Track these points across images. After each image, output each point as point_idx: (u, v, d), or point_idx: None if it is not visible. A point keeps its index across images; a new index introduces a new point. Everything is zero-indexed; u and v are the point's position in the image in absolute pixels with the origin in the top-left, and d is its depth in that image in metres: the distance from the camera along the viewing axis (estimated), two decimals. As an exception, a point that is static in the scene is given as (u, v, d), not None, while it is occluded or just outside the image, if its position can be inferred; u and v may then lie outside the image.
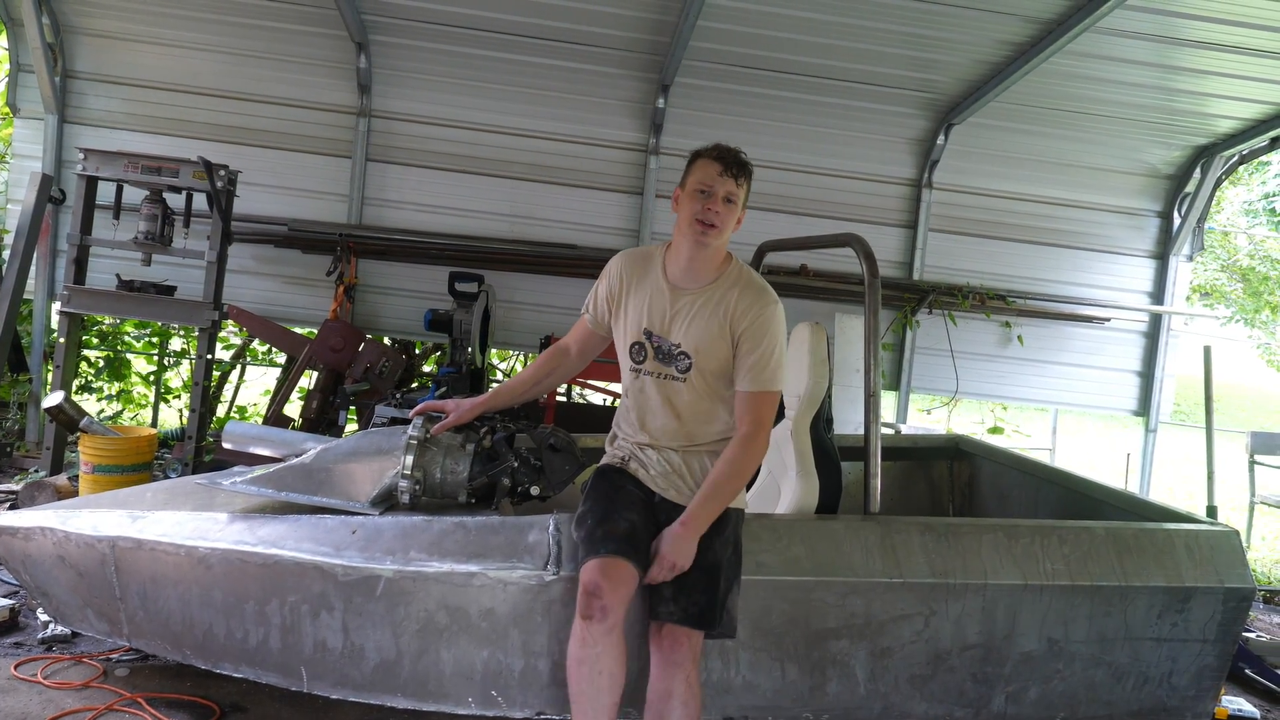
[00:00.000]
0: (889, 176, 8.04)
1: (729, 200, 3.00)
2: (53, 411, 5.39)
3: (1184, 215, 8.16)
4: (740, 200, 3.04)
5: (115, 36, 7.33)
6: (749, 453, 3.00)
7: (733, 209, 3.02)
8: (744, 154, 3.07)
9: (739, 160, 3.03)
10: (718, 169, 3.00)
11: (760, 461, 3.08)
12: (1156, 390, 8.33)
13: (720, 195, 2.99)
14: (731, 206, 3.01)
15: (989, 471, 4.74)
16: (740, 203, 3.05)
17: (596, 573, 2.79)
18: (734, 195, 3.01)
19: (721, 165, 3.00)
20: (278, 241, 7.44)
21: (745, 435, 3.00)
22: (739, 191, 3.02)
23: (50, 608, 3.49)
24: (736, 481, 3.01)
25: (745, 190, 3.06)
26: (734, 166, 3.01)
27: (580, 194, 7.73)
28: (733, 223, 3.05)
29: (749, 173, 3.06)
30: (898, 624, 3.16)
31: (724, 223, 3.01)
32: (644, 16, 6.66)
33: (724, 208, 2.99)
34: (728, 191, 3.00)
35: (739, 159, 3.04)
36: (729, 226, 3.04)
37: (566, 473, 3.36)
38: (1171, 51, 6.55)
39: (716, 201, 2.99)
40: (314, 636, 3.09)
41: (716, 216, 2.99)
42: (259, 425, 5.93)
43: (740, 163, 3.03)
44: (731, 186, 3.00)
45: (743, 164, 3.04)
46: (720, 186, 2.99)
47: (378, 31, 7.16)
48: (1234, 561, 3.36)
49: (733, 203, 3.01)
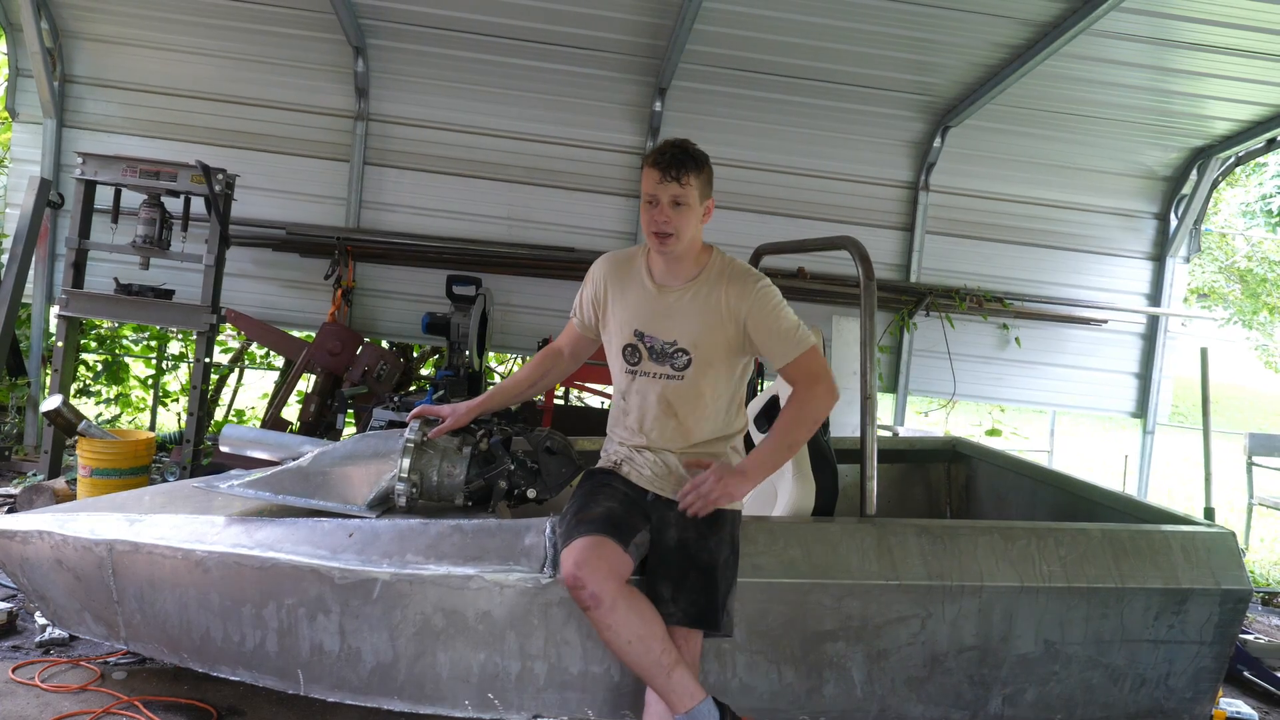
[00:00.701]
0: (885, 179, 8.06)
1: (677, 204, 2.94)
2: (51, 415, 5.39)
3: (1180, 217, 8.17)
4: (692, 198, 2.96)
5: (114, 41, 7.35)
6: (810, 400, 3.00)
7: (685, 210, 2.95)
8: (689, 146, 2.98)
9: (678, 159, 2.94)
10: (657, 176, 2.94)
11: (830, 407, 3.05)
12: (1154, 392, 8.34)
13: (665, 202, 2.94)
14: (682, 209, 2.95)
15: (986, 474, 4.74)
16: (693, 200, 2.96)
17: (571, 564, 2.79)
18: (681, 197, 2.94)
19: (659, 172, 2.93)
20: (276, 245, 7.45)
21: (802, 390, 3.01)
22: (685, 191, 2.94)
23: (48, 611, 3.49)
24: (802, 429, 3.02)
25: (697, 184, 2.97)
26: (672, 169, 2.93)
27: (577, 197, 7.74)
28: (693, 220, 2.99)
29: (695, 165, 2.96)
30: (894, 626, 3.16)
31: (678, 227, 2.96)
32: (641, 20, 6.67)
33: (674, 213, 2.95)
34: (672, 196, 2.94)
35: (678, 157, 2.94)
36: (687, 227, 2.98)
37: (563, 475, 3.37)
38: (1167, 54, 6.57)
39: (663, 210, 2.95)
40: (311, 639, 3.09)
41: (667, 224, 2.96)
42: (256, 428, 5.94)
43: (679, 161, 2.94)
44: (675, 190, 2.93)
45: (682, 161, 2.94)
46: (664, 193, 2.94)
47: (375, 36, 7.17)
48: (1230, 563, 3.36)
49: (683, 204, 2.95)
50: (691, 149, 2.99)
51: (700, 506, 2.92)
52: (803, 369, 3.02)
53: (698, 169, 2.97)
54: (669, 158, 2.94)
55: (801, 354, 3.01)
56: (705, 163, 3.01)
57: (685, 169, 2.94)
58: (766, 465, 3.04)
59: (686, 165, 2.94)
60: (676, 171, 2.93)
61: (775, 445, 3.02)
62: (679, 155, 2.95)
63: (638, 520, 2.98)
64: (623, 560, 2.85)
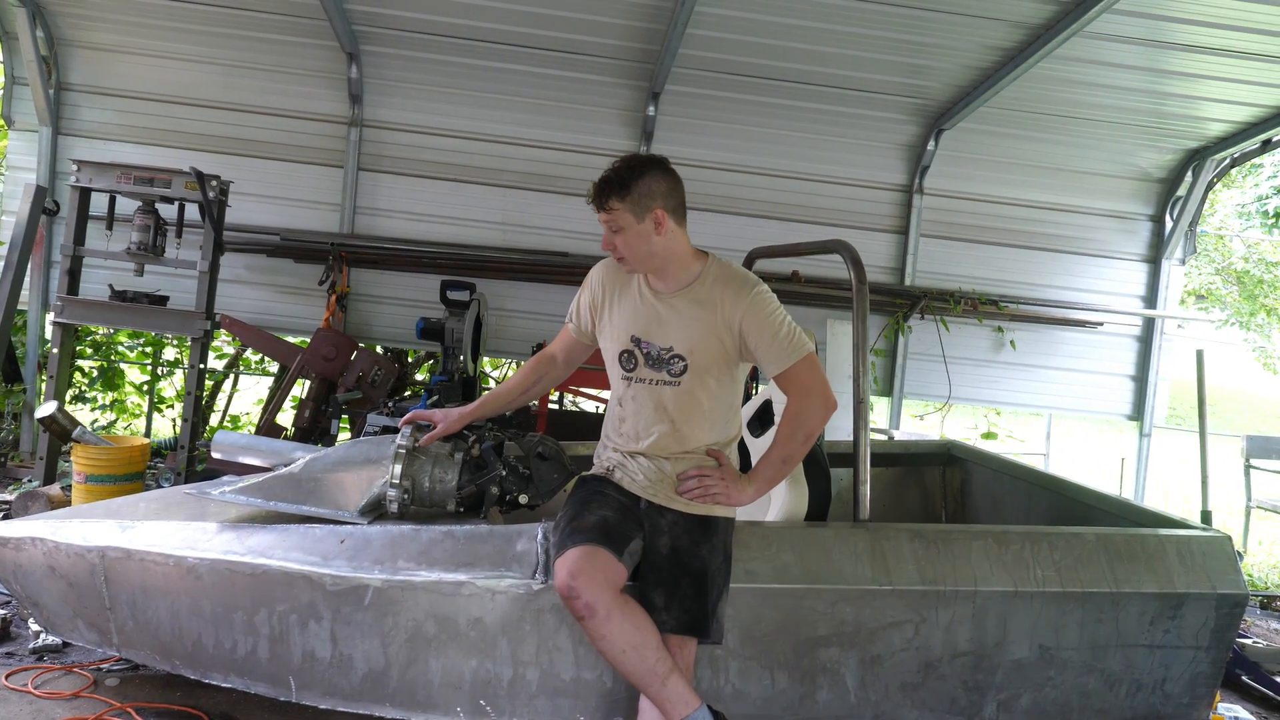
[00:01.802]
0: (879, 182, 8.06)
1: (614, 230, 2.99)
2: (46, 421, 5.39)
3: (1176, 219, 8.17)
4: (624, 221, 2.96)
5: (109, 49, 7.35)
6: (803, 414, 3.02)
7: (624, 234, 2.98)
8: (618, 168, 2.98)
9: (599, 189, 2.98)
10: (594, 209, 3.02)
11: (825, 419, 3.06)
12: (1150, 394, 8.34)
13: (606, 232, 3.02)
14: (621, 233, 2.98)
15: (981, 477, 4.73)
16: (626, 223, 2.97)
17: (565, 574, 2.79)
18: (612, 222, 2.98)
19: (593, 205, 3.01)
20: (270, 251, 7.44)
21: (795, 403, 3.03)
22: (615, 216, 2.96)
23: (41, 618, 3.48)
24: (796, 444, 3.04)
25: (625, 205, 2.95)
26: (599, 198, 2.99)
27: (572, 202, 7.73)
28: (638, 240, 2.99)
29: (617, 189, 2.95)
30: (888, 632, 3.16)
31: (626, 251, 3.01)
32: (634, 25, 6.66)
33: (615, 239, 3.01)
34: (606, 223, 3.00)
35: (599, 187, 2.98)
36: (635, 248, 3.00)
37: (555, 481, 3.36)
38: (1161, 55, 6.57)
39: (606, 240, 3.03)
40: (302, 646, 3.08)
41: (615, 250, 3.04)
42: (248, 434, 5.94)
43: (600, 190, 2.97)
44: (605, 218, 2.99)
45: (602, 190, 2.97)
46: (602, 223, 3.01)
47: (369, 42, 7.17)
48: (1226, 567, 3.35)
49: (618, 229, 2.98)
50: (618, 171, 2.98)
51: (699, 495, 2.99)
52: (797, 378, 3.01)
53: (620, 192, 2.95)
54: (594, 189, 3.01)
55: (796, 362, 3.00)
56: (634, 180, 2.96)
57: (605, 196, 2.97)
58: (767, 480, 3.09)
59: (606, 193, 2.97)
60: (601, 200, 2.99)
61: (773, 460, 3.06)
62: (600, 185, 2.99)
63: (631, 528, 2.97)
64: (617, 569, 2.85)
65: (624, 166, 2.99)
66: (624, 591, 2.88)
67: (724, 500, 3.01)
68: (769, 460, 3.06)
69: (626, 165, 2.99)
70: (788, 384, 3.04)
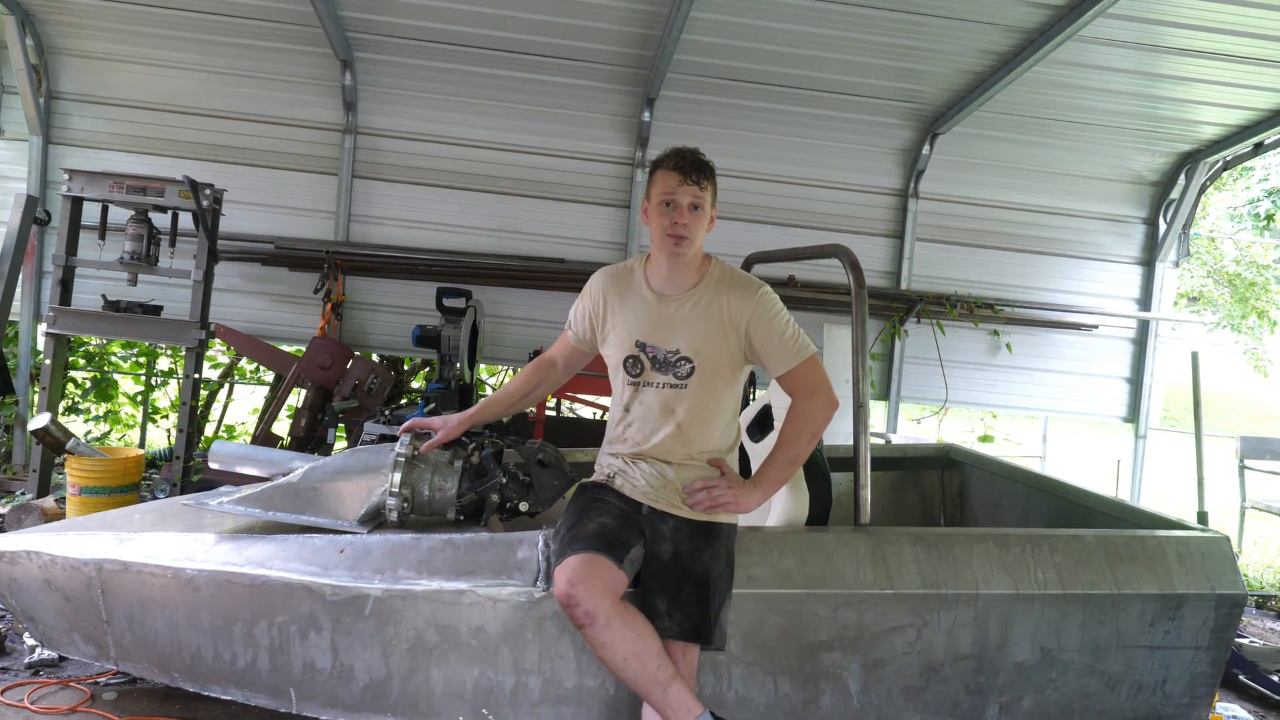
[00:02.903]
0: (875, 187, 8.07)
1: (695, 208, 2.99)
2: (39, 433, 5.36)
3: (1169, 221, 8.20)
4: (707, 204, 3.02)
5: (100, 57, 7.33)
6: (808, 413, 3.06)
7: (700, 215, 3.00)
8: (701, 154, 3.03)
9: (697, 164, 2.99)
10: (677, 179, 2.97)
11: (828, 419, 3.09)
12: (1145, 396, 8.36)
13: (685, 205, 2.98)
14: (698, 213, 3.00)
15: (980, 480, 4.74)
16: (707, 206, 3.02)
17: (565, 582, 2.78)
18: (699, 200, 2.99)
19: (680, 175, 2.97)
20: (264, 260, 7.43)
21: (800, 402, 3.06)
22: (704, 195, 3.00)
23: (37, 632, 3.46)
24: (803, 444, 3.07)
25: (711, 191, 3.02)
26: (693, 173, 2.97)
27: (567, 208, 7.74)
28: (704, 227, 3.04)
29: (710, 173, 3.02)
30: (890, 635, 3.15)
31: (694, 231, 3.00)
32: (628, 31, 6.67)
33: (691, 216, 2.99)
34: (692, 199, 2.98)
35: (697, 162, 2.99)
36: (700, 233, 3.03)
37: (555, 488, 3.35)
38: (1154, 59, 6.59)
39: (682, 213, 2.98)
40: (303, 657, 3.06)
41: (685, 228, 2.99)
42: (245, 444, 5.91)
43: (699, 165, 2.99)
44: (695, 192, 2.97)
45: (702, 166, 3.00)
46: (683, 196, 2.97)
47: (363, 49, 7.16)
48: (1225, 567, 3.36)
49: (699, 209, 3.00)
50: (705, 156, 3.04)
51: (708, 505, 2.99)
52: (802, 378, 3.05)
53: (711, 176, 3.04)
54: (690, 161, 2.99)
55: (801, 362, 3.04)
56: (715, 172, 3.07)
57: (704, 174, 3.00)
58: (773, 482, 3.10)
59: (705, 170, 3.00)
60: (697, 175, 2.98)
61: (779, 461, 3.08)
62: (698, 160, 3.00)
63: (632, 535, 2.96)
64: (617, 576, 2.84)
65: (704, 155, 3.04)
66: (625, 598, 2.87)
67: (733, 507, 3.02)
68: (775, 462, 3.07)
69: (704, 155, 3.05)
70: (793, 384, 3.06)
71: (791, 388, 3.08)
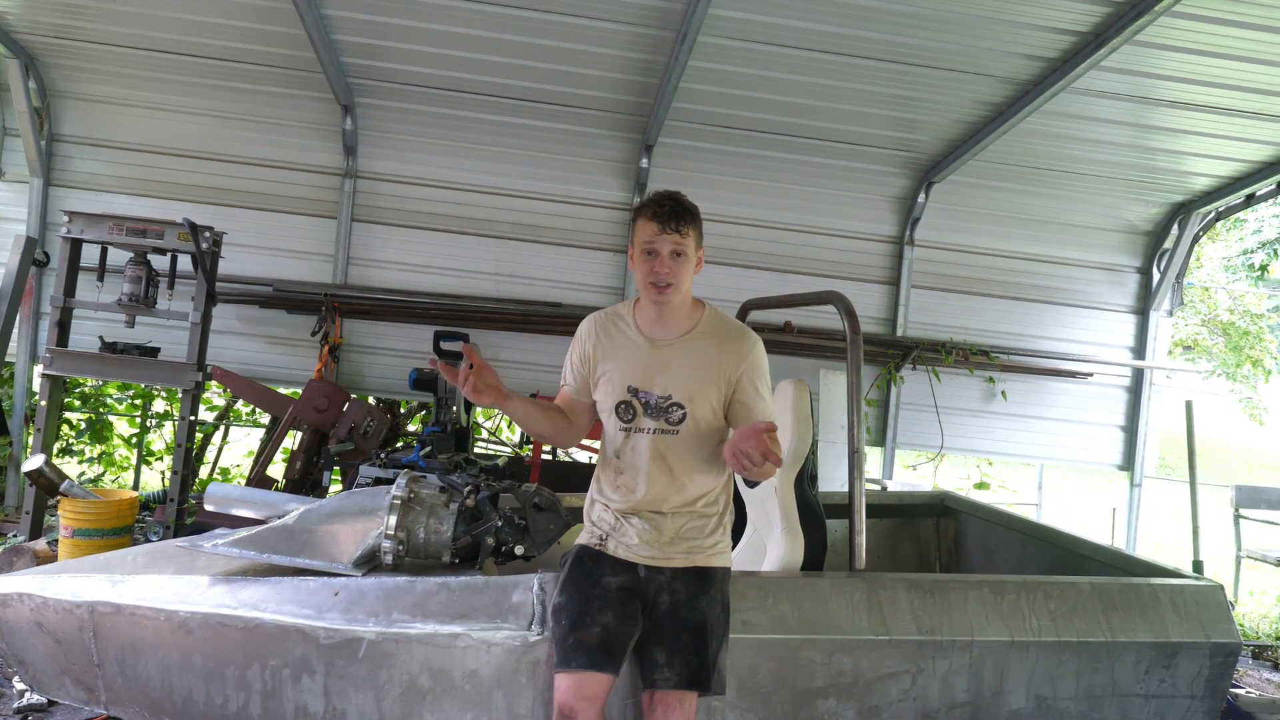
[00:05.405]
0: (871, 234, 8.14)
1: (676, 255, 2.95)
2: (33, 475, 5.35)
3: (1163, 271, 8.26)
4: (689, 249, 2.98)
5: (102, 100, 7.41)
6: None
7: (683, 261, 2.97)
8: (682, 199, 3.00)
9: (676, 211, 2.95)
10: (656, 227, 2.94)
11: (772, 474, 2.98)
12: (1140, 445, 8.38)
13: (665, 253, 2.95)
14: (681, 260, 2.96)
15: (975, 528, 4.73)
16: (690, 251, 2.98)
17: (569, 693, 2.78)
18: (680, 247, 2.95)
19: (659, 224, 2.94)
20: (262, 302, 7.46)
21: None
22: (685, 241, 2.95)
23: (27, 676, 3.43)
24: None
25: (694, 236, 2.99)
26: (672, 220, 2.94)
27: (565, 253, 7.79)
28: (689, 272, 3.01)
29: (691, 217, 2.98)
30: (885, 682, 3.13)
31: (677, 278, 2.97)
32: (627, 79, 6.75)
33: (673, 263, 2.95)
34: (673, 246, 2.95)
35: (676, 209, 2.96)
36: (684, 279, 2.99)
37: (551, 532, 3.34)
38: (1147, 111, 6.68)
39: (663, 261, 2.95)
40: (295, 701, 3.04)
41: (668, 275, 2.96)
42: (241, 487, 5.89)
43: (678, 213, 2.95)
44: (676, 240, 2.94)
45: (681, 213, 2.96)
46: (663, 244, 2.94)
47: (363, 94, 7.24)
48: (1219, 616, 3.35)
49: (681, 255, 2.96)
50: (686, 201, 3.01)
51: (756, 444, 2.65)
52: None
53: (694, 220, 3.00)
54: (668, 210, 2.96)
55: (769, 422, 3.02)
56: (699, 214, 3.04)
57: (684, 220, 2.96)
58: None
59: (684, 217, 2.96)
60: (676, 223, 2.95)
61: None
62: (677, 208, 2.97)
63: (631, 627, 2.94)
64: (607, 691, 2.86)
65: (688, 200, 3.02)
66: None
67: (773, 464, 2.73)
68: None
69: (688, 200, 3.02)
70: None
71: None
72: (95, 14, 6.48)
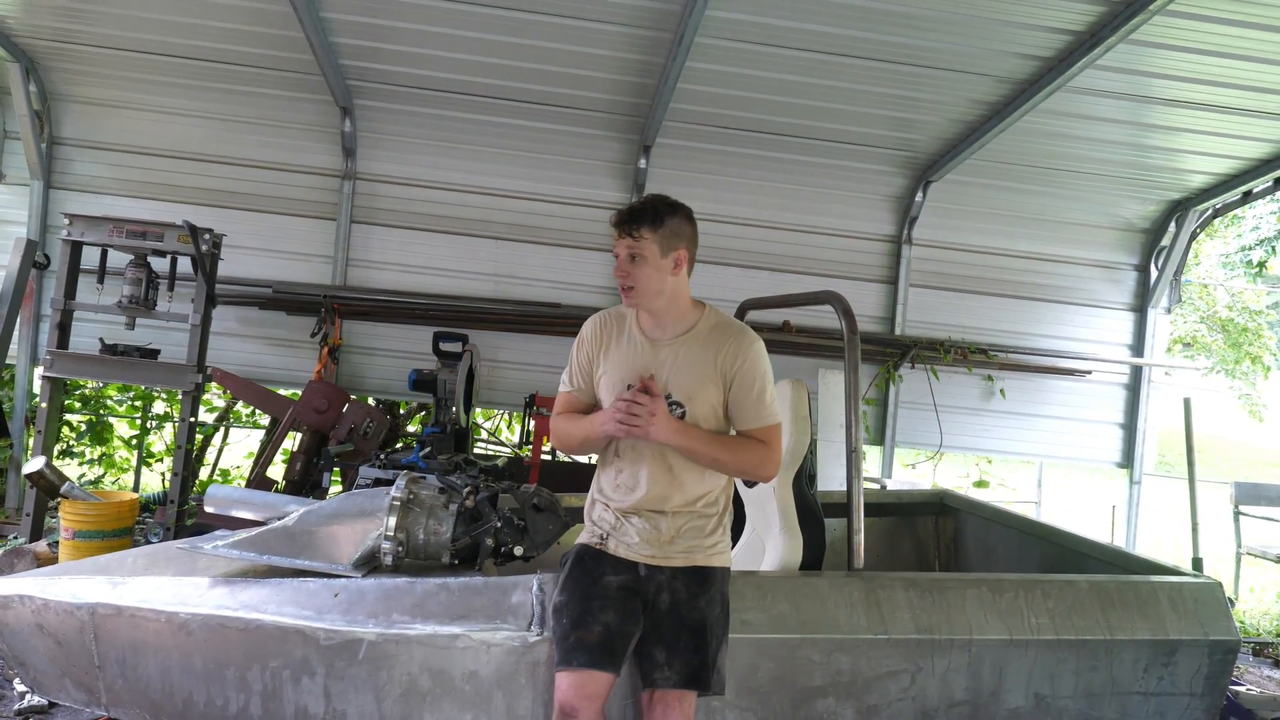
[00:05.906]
0: (869, 233, 8.14)
1: (632, 257, 2.98)
2: (33, 477, 5.36)
3: (1160, 268, 8.27)
4: (648, 251, 2.97)
5: (102, 104, 7.42)
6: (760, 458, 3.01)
7: (640, 263, 2.98)
8: (651, 200, 3.02)
9: (631, 214, 2.98)
10: (615, 233, 3.01)
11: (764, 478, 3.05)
12: (1139, 442, 8.38)
13: (623, 257, 3.00)
14: (640, 262, 2.98)
15: (974, 526, 4.74)
16: (649, 253, 2.98)
17: (570, 692, 2.79)
18: (635, 249, 2.97)
19: (616, 229, 3.00)
20: (262, 304, 7.46)
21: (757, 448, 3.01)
22: (641, 244, 2.96)
23: (27, 678, 3.43)
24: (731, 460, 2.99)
25: (654, 237, 2.97)
26: (626, 224, 2.98)
27: (563, 253, 7.80)
28: (653, 274, 3.00)
29: (650, 219, 2.97)
30: (884, 681, 3.14)
31: (639, 281, 2.99)
32: (625, 80, 6.75)
33: (631, 267, 2.98)
34: (628, 250, 2.98)
35: (631, 213, 2.99)
36: (647, 281, 3.00)
37: (550, 532, 3.34)
38: (1143, 109, 6.68)
39: (621, 265, 3.01)
40: (295, 702, 3.05)
41: (626, 278, 3.00)
42: (241, 488, 5.90)
43: (632, 216, 2.98)
44: (630, 244, 2.97)
45: (634, 216, 2.98)
46: (620, 248, 3.00)
47: (362, 96, 7.25)
48: (1218, 614, 3.36)
49: (639, 258, 2.97)
50: (653, 203, 3.02)
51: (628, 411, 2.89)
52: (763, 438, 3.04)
53: (654, 223, 2.98)
54: (624, 214, 3.01)
55: (768, 425, 3.03)
56: (667, 216, 3.00)
57: (638, 223, 2.97)
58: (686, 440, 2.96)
59: (639, 220, 2.97)
60: (629, 226, 2.98)
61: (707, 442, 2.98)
62: (633, 211, 3.00)
63: (632, 626, 2.95)
64: (608, 690, 2.87)
65: (659, 202, 3.02)
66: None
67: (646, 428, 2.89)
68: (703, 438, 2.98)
69: (662, 201, 3.03)
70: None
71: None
72: (95, 18, 6.49)
